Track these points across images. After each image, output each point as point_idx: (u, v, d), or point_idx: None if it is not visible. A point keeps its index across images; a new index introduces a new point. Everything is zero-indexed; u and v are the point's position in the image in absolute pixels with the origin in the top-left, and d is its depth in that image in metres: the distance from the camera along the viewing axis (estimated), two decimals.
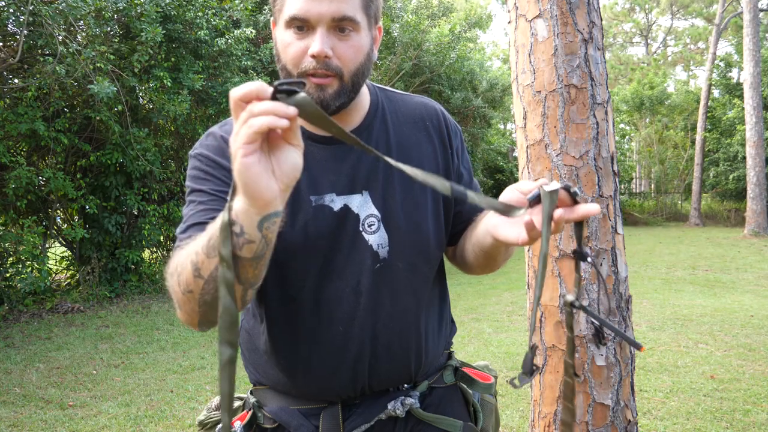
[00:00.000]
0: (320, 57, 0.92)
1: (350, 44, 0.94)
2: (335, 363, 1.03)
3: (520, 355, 4.69)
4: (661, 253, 11.78)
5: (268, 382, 1.12)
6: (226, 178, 0.99)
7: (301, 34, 0.94)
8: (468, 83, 14.69)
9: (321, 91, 0.94)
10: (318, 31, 0.92)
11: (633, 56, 34.38)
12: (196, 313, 0.86)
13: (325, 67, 0.93)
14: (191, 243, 0.85)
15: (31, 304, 6.75)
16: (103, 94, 6.00)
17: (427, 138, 1.10)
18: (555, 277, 2.03)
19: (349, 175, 1.02)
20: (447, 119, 1.14)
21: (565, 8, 1.98)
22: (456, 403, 1.16)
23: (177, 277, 0.85)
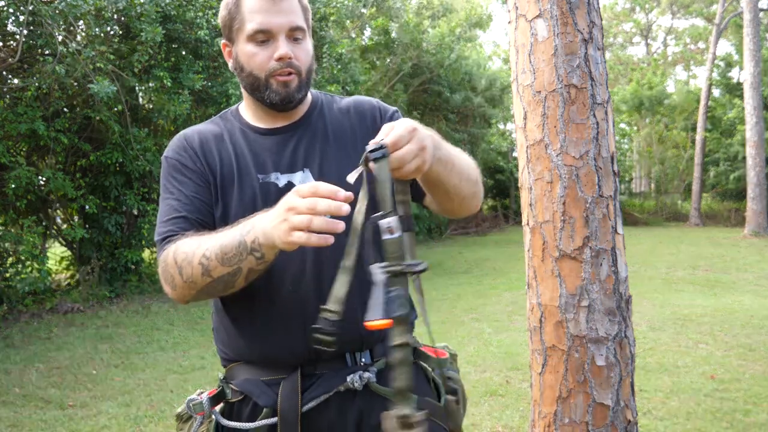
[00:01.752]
0: (285, 58, 1.14)
1: (302, 48, 1.18)
2: (288, 322, 1.14)
3: (521, 355, 4.69)
4: (661, 253, 11.78)
5: (235, 356, 1.22)
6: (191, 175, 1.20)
7: (264, 45, 1.15)
8: (467, 83, 14.69)
9: (286, 87, 1.16)
10: (280, 39, 1.14)
11: (633, 56, 34.37)
12: (189, 296, 1.08)
13: (289, 66, 1.15)
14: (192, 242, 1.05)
15: (31, 304, 6.75)
16: (103, 94, 6.00)
17: (359, 122, 1.28)
18: (555, 277, 2.03)
19: (291, 156, 1.21)
20: (379, 105, 1.32)
21: (565, 8, 1.98)
22: (414, 378, 1.21)
23: (179, 269, 1.05)
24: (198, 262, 1.02)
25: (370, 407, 1.17)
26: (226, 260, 1.00)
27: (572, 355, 2.00)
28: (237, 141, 1.24)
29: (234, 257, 0.99)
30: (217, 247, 1.00)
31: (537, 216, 2.08)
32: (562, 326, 2.01)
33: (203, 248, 1.02)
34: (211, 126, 1.29)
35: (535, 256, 2.10)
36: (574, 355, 1.99)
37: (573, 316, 1.99)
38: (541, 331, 2.08)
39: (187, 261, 1.04)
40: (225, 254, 1.00)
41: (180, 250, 1.06)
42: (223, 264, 1.00)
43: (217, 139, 1.25)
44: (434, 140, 1.02)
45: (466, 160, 1.19)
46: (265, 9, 1.13)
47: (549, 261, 2.04)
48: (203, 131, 1.27)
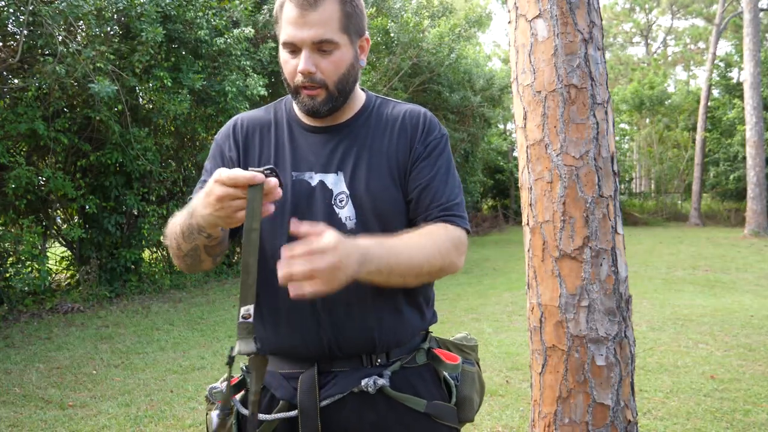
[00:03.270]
0: (306, 74, 1.15)
1: (331, 60, 1.16)
2: (306, 314, 1.17)
3: (520, 355, 4.70)
4: (661, 253, 11.78)
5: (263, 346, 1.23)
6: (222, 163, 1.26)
7: (293, 55, 1.17)
8: (466, 82, 14.69)
9: (312, 100, 1.18)
10: (303, 53, 1.15)
11: (633, 56, 34.37)
12: (182, 266, 1.20)
13: (312, 81, 1.16)
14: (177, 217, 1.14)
15: (31, 304, 6.75)
16: (103, 94, 6.00)
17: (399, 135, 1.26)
18: (555, 277, 2.03)
19: (327, 157, 1.23)
20: (424, 124, 1.28)
21: (565, 8, 1.98)
22: (428, 381, 1.26)
23: (169, 241, 1.17)
24: (173, 237, 1.13)
25: (386, 410, 1.20)
26: (186, 237, 1.09)
27: (572, 355, 2.00)
28: (281, 134, 1.27)
29: (189, 236, 1.08)
30: (179, 223, 1.11)
31: (537, 216, 2.08)
32: (562, 326, 2.01)
33: (176, 224, 1.12)
34: (264, 114, 1.32)
35: (535, 256, 2.10)
36: (574, 355, 1.99)
37: (573, 316, 1.99)
38: (541, 331, 2.08)
39: (171, 235, 1.15)
40: (183, 231, 1.09)
41: (170, 223, 1.16)
42: (185, 240, 1.10)
43: (264, 129, 1.29)
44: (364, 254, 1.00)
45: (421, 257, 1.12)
46: (293, 21, 1.14)
47: (549, 261, 2.04)
48: (255, 119, 1.31)
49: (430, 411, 1.22)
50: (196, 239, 1.08)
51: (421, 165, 1.24)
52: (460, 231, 1.21)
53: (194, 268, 1.18)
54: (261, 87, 7.97)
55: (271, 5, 9.41)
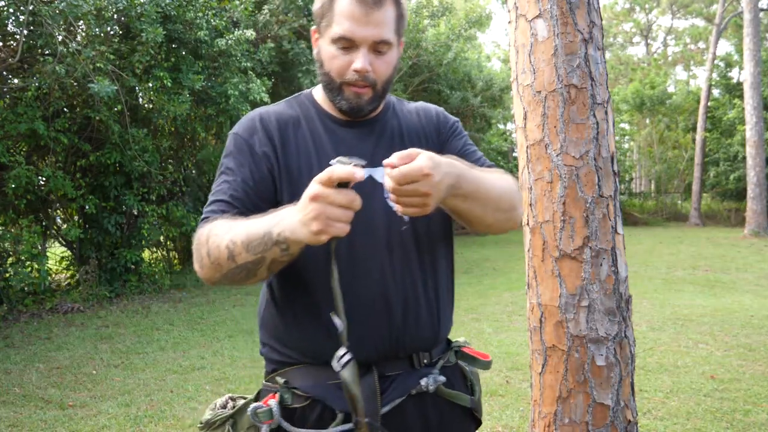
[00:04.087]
0: (363, 72, 1.11)
1: (384, 60, 1.14)
2: (372, 313, 1.12)
3: (520, 355, 4.69)
4: (661, 253, 11.78)
5: (298, 357, 1.16)
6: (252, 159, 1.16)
7: (346, 51, 1.12)
8: (467, 82, 14.69)
9: (358, 98, 1.15)
10: (361, 51, 1.11)
11: (633, 56, 34.36)
12: (215, 278, 1.08)
13: (364, 80, 1.13)
14: (225, 225, 1.05)
15: (31, 304, 6.75)
16: (103, 93, 6.00)
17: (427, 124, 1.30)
18: (555, 277, 2.03)
19: (372, 151, 1.19)
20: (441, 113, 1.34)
21: (565, 8, 1.98)
22: (459, 380, 1.28)
23: (208, 249, 1.05)
24: (225, 245, 1.02)
25: (441, 409, 1.20)
26: (251, 248, 0.99)
27: (572, 355, 2.00)
28: (315, 129, 1.21)
29: (258, 246, 0.98)
30: (244, 233, 1.00)
31: (537, 216, 2.08)
32: (562, 326, 2.01)
33: (232, 233, 1.02)
34: (288, 109, 1.25)
35: (535, 256, 2.10)
36: (574, 355, 1.99)
37: (573, 316, 1.99)
38: (541, 331, 2.08)
39: (215, 243, 1.04)
40: (251, 242, 0.99)
41: (213, 231, 1.05)
42: (247, 251, 0.99)
43: (295, 124, 1.22)
44: (456, 176, 1.00)
45: (498, 189, 1.14)
46: (355, 17, 1.10)
47: (549, 261, 2.04)
48: (282, 114, 1.23)
49: (473, 406, 1.25)
50: (267, 252, 0.98)
51: (449, 144, 1.29)
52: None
53: (237, 280, 1.06)
54: (264, 93, 8.00)
55: (271, 5, 9.41)
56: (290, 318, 1.17)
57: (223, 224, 1.05)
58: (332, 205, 0.89)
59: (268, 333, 1.22)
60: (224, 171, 1.18)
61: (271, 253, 0.98)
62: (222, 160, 1.20)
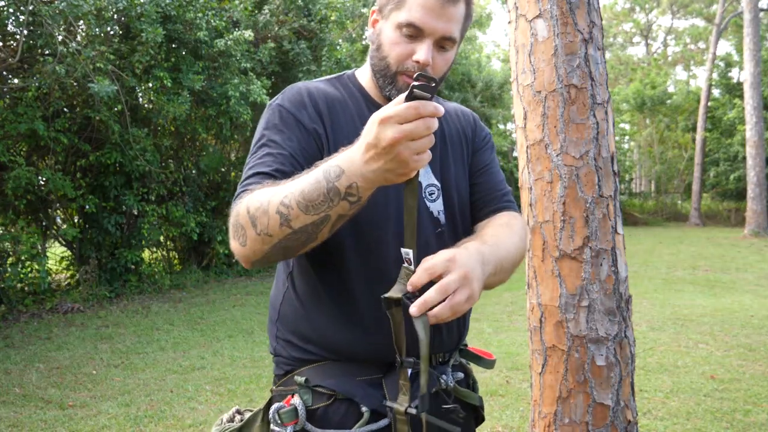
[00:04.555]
0: (424, 65, 1.05)
1: (444, 58, 1.10)
2: None
3: (520, 355, 4.69)
4: (661, 253, 11.78)
5: (322, 352, 1.10)
6: (301, 135, 1.07)
7: (410, 39, 1.06)
8: (467, 83, 14.69)
9: None
10: (426, 43, 1.05)
11: (633, 56, 34.37)
12: (262, 252, 0.95)
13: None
14: (269, 190, 0.93)
15: (30, 304, 6.74)
16: (103, 93, 6.00)
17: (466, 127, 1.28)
18: (555, 277, 2.02)
19: None
20: (477, 120, 1.33)
21: (565, 8, 1.98)
22: (464, 378, 1.26)
23: (252, 220, 0.92)
24: (276, 210, 0.90)
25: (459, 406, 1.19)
26: (312, 207, 0.88)
27: (572, 355, 1.99)
28: (363, 113, 1.13)
29: (322, 204, 0.87)
30: (298, 193, 0.88)
31: (537, 216, 2.08)
32: (562, 326, 2.01)
33: (281, 195, 0.90)
34: (331, 88, 1.17)
35: (535, 256, 2.09)
36: (574, 355, 1.99)
37: (573, 316, 1.99)
38: (541, 331, 2.08)
39: (262, 210, 0.91)
40: (311, 200, 0.87)
41: (254, 198, 0.94)
42: (307, 212, 0.88)
43: (342, 105, 1.14)
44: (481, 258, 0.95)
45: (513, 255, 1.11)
46: (430, 7, 1.04)
47: (549, 261, 2.04)
48: (328, 93, 1.14)
49: (480, 404, 1.25)
50: (333, 208, 0.88)
51: (481, 153, 1.27)
52: (521, 216, 1.25)
53: (291, 249, 0.95)
54: (264, 94, 8.00)
55: (271, 5, 9.41)
56: (319, 311, 1.10)
57: (265, 191, 0.94)
58: (415, 139, 0.81)
59: (287, 328, 1.15)
60: (266, 143, 1.07)
61: (338, 208, 0.88)
62: (261, 132, 1.10)
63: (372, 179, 0.85)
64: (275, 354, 1.17)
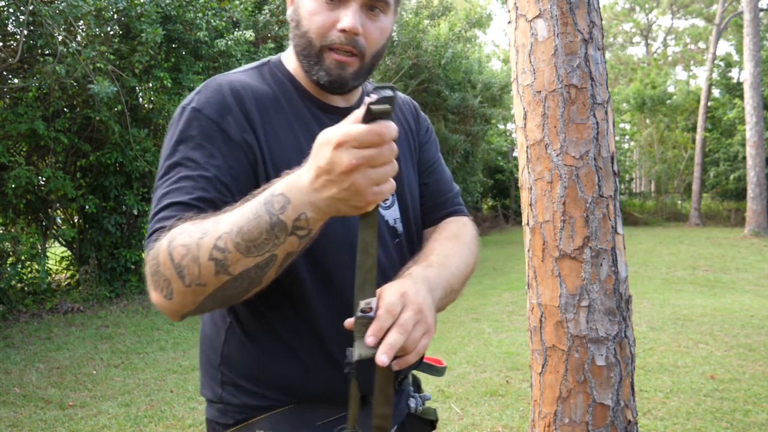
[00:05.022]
0: (351, 33, 0.88)
1: (378, 25, 0.92)
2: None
3: (521, 355, 4.69)
4: (661, 253, 11.78)
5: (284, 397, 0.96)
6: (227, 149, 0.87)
7: (332, 5, 0.89)
8: (467, 82, 14.70)
9: (341, 69, 0.91)
10: (351, 6, 0.88)
11: (633, 56, 34.38)
12: (193, 304, 0.78)
13: (353, 44, 0.90)
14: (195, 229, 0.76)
15: (31, 304, 6.75)
16: (103, 94, 6.00)
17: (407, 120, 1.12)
18: (555, 277, 2.03)
19: None
20: (417, 108, 1.18)
21: (565, 8, 1.98)
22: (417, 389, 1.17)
23: (179, 270, 0.75)
24: (208, 256, 0.73)
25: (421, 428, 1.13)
26: (254, 248, 0.72)
27: (572, 355, 2.00)
28: (301, 113, 0.97)
29: (266, 242, 0.72)
30: (235, 233, 0.72)
31: (537, 216, 2.08)
32: (562, 326, 2.01)
33: (213, 236, 0.73)
34: (260, 83, 0.97)
35: (535, 256, 2.10)
36: (574, 355, 1.99)
37: (573, 316, 1.99)
38: (541, 331, 2.08)
39: (190, 257, 0.74)
40: (251, 241, 0.72)
41: (178, 242, 0.75)
42: (248, 254, 0.73)
43: (276, 106, 0.95)
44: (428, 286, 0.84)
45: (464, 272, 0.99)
46: None
47: (549, 261, 2.04)
48: (257, 90, 0.95)
49: (436, 418, 1.16)
50: (278, 246, 0.73)
51: (427, 148, 1.14)
52: (471, 222, 1.15)
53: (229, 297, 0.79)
54: None
55: (272, 5, 9.41)
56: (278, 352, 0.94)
57: (189, 230, 0.76)
58: (376, 167, 0.68)
59: (235, 372, 0.97)
60: (181, 162, 0.85)
61: (286, 246, 0.73)
62: (172, 146, 0.87)
63: (324, 210, 0.71)
64: (221, 401, 0.99)
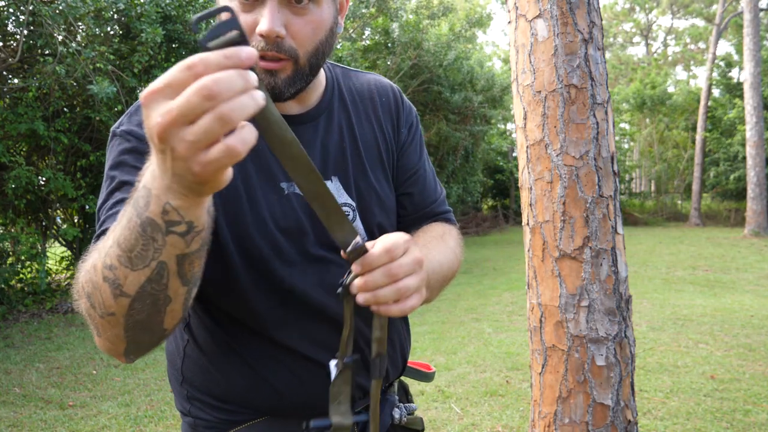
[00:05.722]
0: (271, 37, 0.76)
1: (308, 19, 0.78)
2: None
3: (521, 355, 4.69)
4: (661, 253, 11.78)
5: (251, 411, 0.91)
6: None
7: (249, 5, 0.76)
8: (468, 83, 14.70)
9: (272, 77, 0.79)
10: (268, 5, 0.75)
11: (633, 56, 34.40)
12: (122, 339, 0.67)
13: (277, 49, 0.77)
14: (98, 248, 0.66)
15: (31, 304, 6.75)
16: (102, 95, 6.00)
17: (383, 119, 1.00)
18: (555, 277, 2.03)
19: (319, 159, 0.89)
20: (401, 99, 1.05)
21: (565, 8, 1.98)
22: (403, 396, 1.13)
23: (88, 299, 0.65)
24: (102, 277, 0.62)
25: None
26: (137, 259, 0.60)
27: (572, 355, 2.00)
28: None
29: (145, 249, 0.59)
30: (115, 245, 0.61)
31: (537, 216, 2.08)
32: (562, 326, 2.01)
33: (103, 254, 0.63)
34: None
35: (535, 256, 2.10)
36: (574, 355, 1.99)
37: (573, 316, 1.99)
38: (541, 331, 2.08)
39: (92, 283, 0.64)
40: (130, 250, 0.59)
41: (85, 267, 0.66)
42: (133, 267, 0.60)
43: None
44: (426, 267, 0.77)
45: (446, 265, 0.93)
46: None
47: (549, 261, 2.04)
48: None
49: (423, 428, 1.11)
50: (160, 250, 0.59)
51: (409, 152, 1.03)
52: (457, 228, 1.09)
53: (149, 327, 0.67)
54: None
55: None
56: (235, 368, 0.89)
57: (94, 254, 0.67)
58: (193, 121, 0.49)
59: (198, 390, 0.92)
60: (115, 188, 0.79)
61: (169, 249, 0.59)
62: (108, 170, 0.81)
63: (182, 192, 0.54)
64: (191, 416, 0.94)
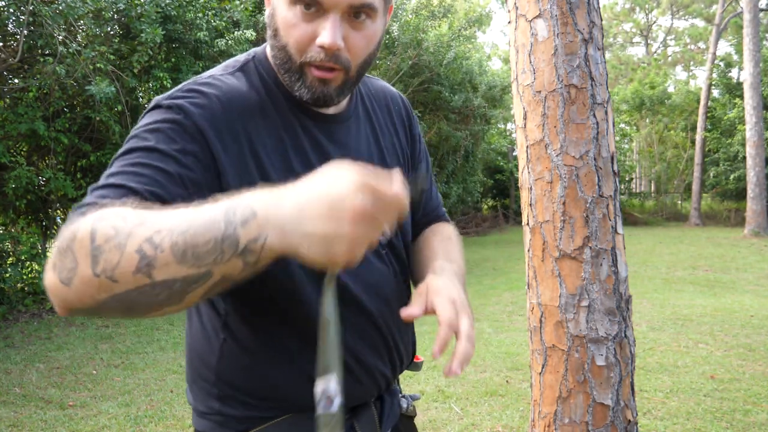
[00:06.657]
0: (332, 50, 0.79)
1: (364, 34, 0.82)
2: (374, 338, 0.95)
3: (521, 355, 4.69)
4: (661, 253, 11.77)
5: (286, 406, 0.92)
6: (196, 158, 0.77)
7: (310, 15, 0.79)
8: (468, 83, 14.70)
9: (324, 86, 0.83)
10: (330, 18, 0.78)
11: (633, 56, 34.39)
12: (91, 301, 0.62)
13: (334, 60, 0.81)
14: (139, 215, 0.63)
15: (31, 304, 6.75)
16: (101, 95, 6.00)
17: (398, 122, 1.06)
18: (555, 277, 2.03)
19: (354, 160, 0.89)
20: (409, 106, 1.10)
21: (565, 8, 1.98)
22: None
23: (95, 252, 0.60)
24: (136, 248, 0.59)
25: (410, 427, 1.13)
26: (193, 256, 0.59)
27: (572, 355, 2.00)
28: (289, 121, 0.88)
29: (209, 253, 0.59)
30: (179, 231, 0.59)
31: (537, 216, 2.08)
32: (562, 326, 2.01)
33: (152, 227, 0.60)
34: (247, 89, 0.87)
35: (535, 256, 2.10)
36: (574, 355, 1.99)
37: (573, 316, 1.99)
38: (541, 331, 2.08)
39: (115, 243, 0.60)
40: (193, 246, 0.59)
41: (108, 221, 0.62)
42: (182, 261, 0.59)
43: (263, 113, 0.86)
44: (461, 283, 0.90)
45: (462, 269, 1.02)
46: None
47: (549, 261, 2.04)
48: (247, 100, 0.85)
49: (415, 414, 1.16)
50: (219, 263, 0.60)
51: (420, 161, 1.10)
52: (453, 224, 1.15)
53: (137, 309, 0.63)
54: None
55: None
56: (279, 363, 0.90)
57: (127, 214, 0.63)
58: (376, 228, 0.60)
59: (233, 386, 0.91)
60: (146, 148, 0.75)
61: (227, 266, 0.60)
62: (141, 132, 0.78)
63: (291, 243, 0.59)
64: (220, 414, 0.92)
